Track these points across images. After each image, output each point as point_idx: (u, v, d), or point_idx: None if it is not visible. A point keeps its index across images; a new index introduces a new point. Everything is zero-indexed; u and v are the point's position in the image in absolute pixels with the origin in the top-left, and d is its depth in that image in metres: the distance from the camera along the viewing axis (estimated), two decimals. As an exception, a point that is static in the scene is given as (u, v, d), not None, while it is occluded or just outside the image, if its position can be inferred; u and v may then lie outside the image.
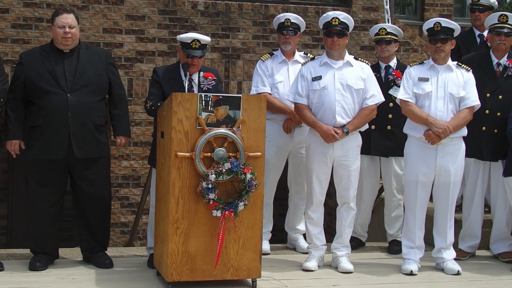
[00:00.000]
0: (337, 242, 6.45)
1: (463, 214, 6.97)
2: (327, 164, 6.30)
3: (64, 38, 6.04)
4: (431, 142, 6.20)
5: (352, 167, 6.33)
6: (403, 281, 6.19)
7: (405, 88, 6.35)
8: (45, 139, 5.99)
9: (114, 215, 8.77)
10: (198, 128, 5.52)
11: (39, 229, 6.13)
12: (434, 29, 6.30)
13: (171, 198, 5.50)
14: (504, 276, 6.44)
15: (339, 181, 6.36)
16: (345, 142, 6.26)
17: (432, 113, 6.23)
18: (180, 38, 6.09)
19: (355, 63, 6.36)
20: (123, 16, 9.04)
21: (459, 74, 6.34)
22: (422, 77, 6.32)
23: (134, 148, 9.03)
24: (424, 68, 6.38)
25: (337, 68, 6.29)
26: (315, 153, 6.29)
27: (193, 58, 6.01)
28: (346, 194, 6.37)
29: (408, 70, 6.45)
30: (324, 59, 6.34)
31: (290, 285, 5.90)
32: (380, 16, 9.76)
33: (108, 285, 5.76)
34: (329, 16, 6.29)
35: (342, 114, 6.22)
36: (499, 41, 6.71)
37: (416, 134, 6.32)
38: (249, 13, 9.42)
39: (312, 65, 6.36)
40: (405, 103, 6.33)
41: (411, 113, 6.31)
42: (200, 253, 5.57)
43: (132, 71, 9.03)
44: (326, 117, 6.23)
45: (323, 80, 6.25)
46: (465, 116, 6.27)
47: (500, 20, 6.67)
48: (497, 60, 6.75)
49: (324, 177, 6.34)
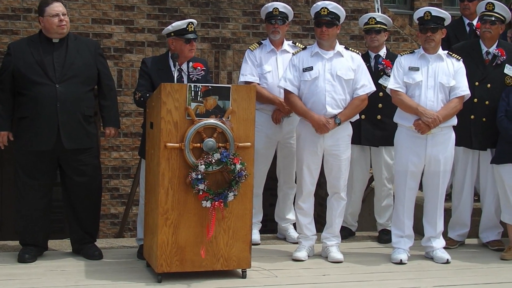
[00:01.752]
0: (327, 232, 6.45)
1: (453, 203, 6.99)
2: (318, 154, 6.30)
3: (60, 26, 6.04)
4: (420, 132, 6.21)
5: (343, 156, 6.33)
6: (393, 270, 6.21)
7: (395, 78, 6.36)
8: (34, 130, 5.97)
9: (104, 207, 8.75)
10: (188, 118, 5.51)
11: (28, 220, 6.12)
12: (424, 18, 6.30)
13: (161, 189, 5.49)
14: (493, 264, 6.47)
15: (330, 171, 6.36)
16: (336, 131, 6.25)
17: (422, 102, 6.24)
18: (173, 27, 6.03)
19: (346, 53, 6.35)
20: (112, 6, 9.01)
21: (450, 63, 6.35)
22: (412, 67, 6.33)
23: (124, 139, 9.02)
24: (414, 58, 6.39)
25: (328, 59, 6.28)
26: (305, 143, 6.29)
27: (191, 41, 6.02)
28: (336, 184, 6.37)
29: (398, 59, 6.46)
30: (315, 49, 6.33)
31: (280, 275, 5.91)
32: (370, 5, 9.76)
33: (98, 276, 5.75)
34: (318, 6, 6.28)
35: (333, 104, 6.22)
36: (484, 29, 6.72)
37: (406, 123, 6.33)
38: (239, 3, 9.40)
39: (303, 55, 6.35)
40: (395, 92, 6.34)
41: (401, 103, 6.31)
42: (190, 244, 5.57)
43: (122, 61, 9.00)
44: (316, 108, 6.22)
45: (314, 70, 6.25)
46: (455, 106, 6.28)
47: (487, 8, 6.68)
48: (486, 49, 6.76)
49: (314, 167, 6.34)
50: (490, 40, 6.73)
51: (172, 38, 6.06)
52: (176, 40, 6.04)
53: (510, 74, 6.68)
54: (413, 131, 6.28)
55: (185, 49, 6.03)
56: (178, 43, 6.04)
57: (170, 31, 6.06)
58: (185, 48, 6.03)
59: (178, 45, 6.04)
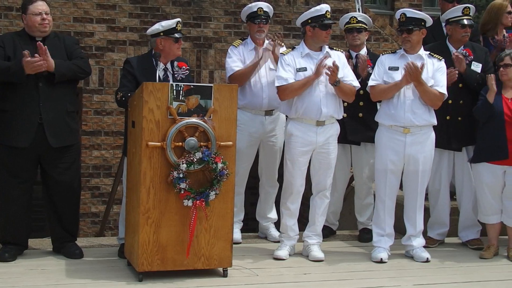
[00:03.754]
0: (309, 230, 6.47)
1: (430, 202, 7.04)
2: (309, 153, 6.34)
3: (42, 24, 6.02)
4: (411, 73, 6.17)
5: (332, 155, 6.38)
6: (373, 269, 6.25)
7: (375, 75, 6.45)
8: (13, 125, 5.95)
9: (85, 205, 8.74)
10: (169, 117, 5.52)
11: (8, 218, 6.09)
12: (400, 20, 6.40)
13: (142, 188, 5.49)
14: (472, 263, 6.52)
15: (318, 169, 6.39)
16: (326, 129, 6.30)
17: (401, 101, 6.30)
18: (164, 27, 5.99)
19: (333, 53, 6.41)
20: (94, 5, 8.98)
21: (430, 63, 6.40)
22: (392, 66, 6.41)
23: (105, 138, 8.99)
24: (395, 57, 6.46)
25: (319, 60, 6.30)
26: (297, 143, 6.30)
27: (179, 40, 6.04)
28: (323, 183, 6.40)
29: (380, 58, 6.55)
30: (306, 50, 6.36)
31: (261, 274, 5.92)
32: (351, 5, 9.80)
33: (79, 275, 5.73)
34: (323, 9, 6.33)
35: (327, 104, 6.26)
36: (464, 33, 6.80)
37: (386, 122, 6.38)
38: (221, 2, 9.41)
39: (294, 55, 6.36)
40: (373, 87, 6.43)
41: (381, 92, 6.38)
42: (171, 242, 5.57)
43: (103, 60, 8.98)
44: (311, 108, 6.24)
45: (308, 71, 6.28)
46: (435, 92, 6.31)
47: (464, 13, 6.76)
48: (454, 50, 6.83)
49: (305, 167, 6.38)
50: (460, 42, 6.81)
51: (161, 38, 6.02)
52: (166, 40, 6.02)
53: (477, 70, 6.78)
54: (393, 130, 6.33)
55: (174, 47, 6.02)
56: (167, 42, 6.02)
57: (160, 30, 6.01)
58: (174, 47, 6.02)
59: (167, 44, 6.02)
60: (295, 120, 6.33)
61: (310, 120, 6.28)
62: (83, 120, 8.88)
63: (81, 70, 6.18)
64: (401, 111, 6.32)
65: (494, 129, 6.49)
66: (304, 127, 6.28)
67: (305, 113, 6.26)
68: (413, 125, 6.32)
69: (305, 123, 6.29)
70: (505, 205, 6.61)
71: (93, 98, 8.97)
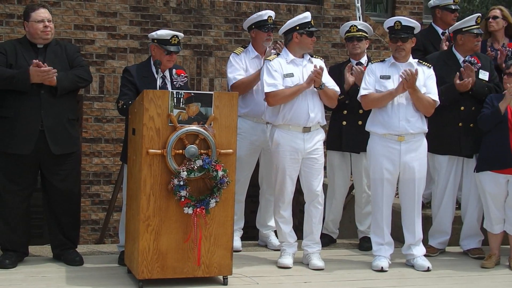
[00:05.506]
0: (307, 240, 6.46)
1: (433, 210, 7.03)
2: (298, 161, 6.32)
3: (44, 32, 6.03)
4: (409, 80, 6.17)
5: (320, 160, 6.39)
6: (373, 278, 6.23)
7: (366, 83, 6.42)
8: (14, 132, 5.94)
9: (85, 213, 8.73)
10: (170, 125, 5.52)
11: (8, 225, 6.08)
12: (394, 28, 6.38)
13: (142, 195, 5.48)
14: (473, 272, 6.50)
15: (308, 176, 6.37)
16: (313, 135, 6.31)
17: (395, 109, 6.30)
18: (157, 35, 6.05)
19: (313, 60, 6.45)
20: (95, 12, 9.00)
21: (421, 71, 6.40)
22: (383, 75, 6.39)
23: (106, 145, 9.00)
24: (385, 66, 6.45)
25: (304, 66, 6.35)
26: (285, 151, 6.29)
27: (171, 54, 6.02)
28: (315, 189, 6.37)
29: (370, 67, 6.52)
30: (290, 57, 6.38)
31: (261, 282, 5.91)
32: (351, 13, 9.82)
33: (78, 282, 5.73)
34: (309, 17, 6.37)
35: (314, 109, 6.27)
36: (476, 42, 6.85)
37: (380, 131, 6.37)
38: (221, 10, 9.42)
39: (280, 61, 6.37)
40: (365, 97, 6.39)
41: (374, 100, 6.35)
42: (171, 250, 5.56)
43: (104, 67, 8.99)
44: (299, 114, 6.25)
45: (295, 77, 6.29)
46: (428, 99, 6.33)
47: (477, 22, 6.80)
48: (462, 58, 6.84)
49: (295, 174, 6.37)
50: (471, 51, 6.83)
51: (154, 45, 6.07)
52: (157, 48, 6.05)
53: (484, 78, 6.79)
54: (387, 138, 6.32)
55: (164, 59, 6.03)
56: (158, 52, 6.05)
57: (154, 38, 6.07)
58: (164, 58, 6.02)
59: (158, 53, 6.05)
60: (281, 128, 6.32)
61: (297, 127, 6.28)
62: (83, 127, 8.88)
63: (82, 80, 6.20)
64: (395, 119, 6.31)
65: (498, 138, 6.48)
66: (290, 135, 6.28)
67: (292, 119, 6.26)
68: (407, 133, 6.32)
69: (292, 130, 6.29)
70: (508, 215, 6.59)
71: (94, 106, 8.98)
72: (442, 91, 6.59)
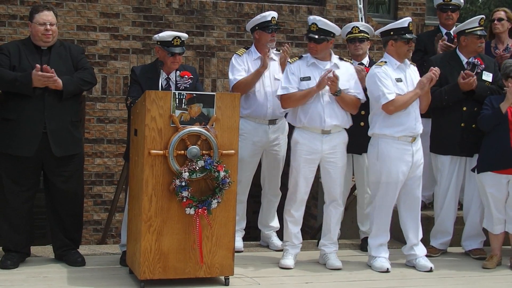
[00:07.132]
0: (325, 239, 6.47)
1: (435, 211, 7.02)
2: (315, 162, 6.32)
3: (45, 35, 6.02)
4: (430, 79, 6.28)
5: (340, 164, 6.37)
6: (375, 278, 6.23)
7: (387, 87, 6.24)
8: (17, 134, 5.95)
9: (87, 213, 8.75)
10: (172, 126, 5.52)
11: (11, 226, 6.09)
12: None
13: (144, 196, 5.49)
14: (475, 273, 6.50)
15: (327, 179, 6.38)
16: (333, 138, 6.30)
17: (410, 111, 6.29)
18: (159, 37, 6.07)
19: (341, 64, 6.41)
20: (98, 13, 9.02)
21: (414, 70, 6.48)
22: (397, 78, 6.34)
23: (108, 146, 9.01)
24: (392, 68, 6.36)
25: (323, 73, 6.27)
26: (303, 151, 6.29)
27: (175, 55, 6.03)
28: (334, 192, 6.39)
29: (383, 69, 6.32)
30: (312, 59, 6.37)
31: (263, 283, 5.91)
32: (353, 14, 9.83)
33: (80, 283, 5.74)
34: (310, 21, 6.36)
35: (331, 115, 6.26)
36: (480, 43, 6.85)
37: (396, 133, 6.28)
38: (224, 11, 9.43)
39: (300, 64, 6.37)
40: (391, 102, 6.22)
41: (402, 104, 6.25)
42: (173, 251, 5.57)
43: (106, 68, 9.01)
44: (314, 118, 6.25)
45: (312, 81, 6.27)
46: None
47: (481, 24, 6.80)
48: (466, 59, 6.85)
49: (310, 175, 6.36)
50: (475, 52, 6.84)
51: (158, 46, 6.10)
52: (161, 50, 6.07)
53: (488, 80, 6.80)
54: (401, 141, 6.29)
55: (168, 61, 6.04)
56: (162, 53, 6.07)
57: (157, 39, 6.09)
58: (168, 60, 6.04)
59: (162, 55, 6.07)
60: (301, 129, 6.34)
61: (315, 129, 6.29)
62: (86, 128, 8.90)
63: (87, 83, 6.23)
64: (412, 120, 6.31)
65: (499, 138, 6.49)
66: (309, 135, 6.28)
67: (308, 122, 6.27)
68: (418, 133, 6.36)
69: (311, 131, 6.29)
70: (509, 215, 6.60)
71: (96, 106, 9.00)
72: (445, 91, 6.61)
